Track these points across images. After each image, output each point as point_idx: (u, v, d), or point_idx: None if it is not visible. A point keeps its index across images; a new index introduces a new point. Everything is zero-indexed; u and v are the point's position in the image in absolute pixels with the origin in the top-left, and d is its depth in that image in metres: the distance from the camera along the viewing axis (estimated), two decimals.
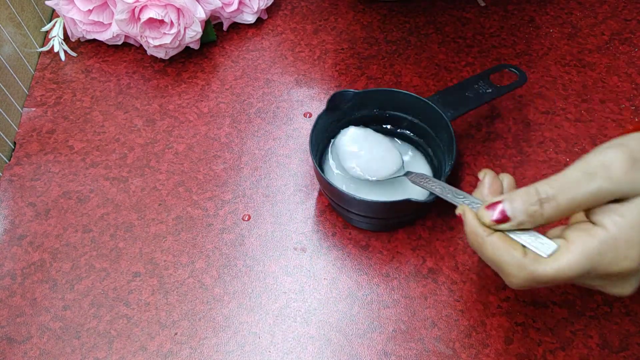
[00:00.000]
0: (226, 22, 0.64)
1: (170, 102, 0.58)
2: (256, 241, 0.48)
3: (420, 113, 0.50)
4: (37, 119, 0.57)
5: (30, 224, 0.49)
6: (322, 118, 0.48)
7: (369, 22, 0.65)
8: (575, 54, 0.61)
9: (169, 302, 0.45)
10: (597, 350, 0.42)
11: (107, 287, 0.46)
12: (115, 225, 0.49)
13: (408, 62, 0.61)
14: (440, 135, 0.48)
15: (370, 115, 0.51)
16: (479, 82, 0.50)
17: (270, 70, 0.61)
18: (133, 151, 0.54)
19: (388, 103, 0.50)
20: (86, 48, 0.63)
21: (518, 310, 0.44)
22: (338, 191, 0.44)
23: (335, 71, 0.60)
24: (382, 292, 0.45)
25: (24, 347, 0.43)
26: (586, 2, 0.67)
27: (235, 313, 0.44)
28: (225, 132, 0.56)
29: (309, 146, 0.46)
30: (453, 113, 0.48)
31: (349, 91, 0.49)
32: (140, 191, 0.51)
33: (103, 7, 0.60)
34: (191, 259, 0.47)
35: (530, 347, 0.42)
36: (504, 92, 0.50)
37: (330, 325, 0.43)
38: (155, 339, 0.43)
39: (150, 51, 0.59)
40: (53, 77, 0.61)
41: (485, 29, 0.64)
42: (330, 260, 0.47)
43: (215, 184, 0.52)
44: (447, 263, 0.46)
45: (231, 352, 0.42)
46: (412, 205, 0.43)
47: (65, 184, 0.52)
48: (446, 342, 0.42)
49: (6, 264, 0.47)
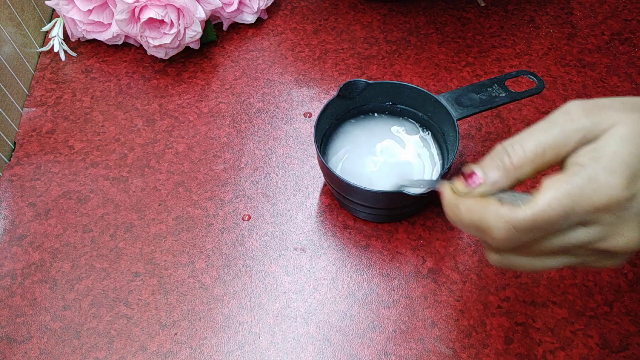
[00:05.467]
0: (226, 22, 0.64)
1: (170, 102, 0.58)
2: (256, 241, 0.48)
3: (429, 109, 0.50)
4: (37, 119, 0.57)
5: (30, 224, 0.49)
6: (332, 104, 0.49)
7: (369, 22, 0.65)
8: (575, 54, 0.61)
9: (169, 302, 0.45)
10: (597, 350, 0.42)
11: (107, 287, 0.46)
12: (115, 225, 0.49)
13: (408, 62, 0.61)
14: (446, 134, 0.49)
15: (379, 107, 0.52)
16: (494, 85, 0.50)
17: (270, 70, 0.61)
18: (133, 151, 0.54)
19: (398, 97, 0.51)
20: (86, 48, 0.63)
21: (518, 310, 0.44)
22: (338, 179, 0.44)
23: (335, 71, 0.60)
24: (382, 292, 0.45)
25: (24, 347, 0.43)
26: (586, 2, 0.67)
27: (235, 313, 0.44)
28: (225, 132, 0.56)
29: (314, 131, 0.47)
30: (461, 113, 0.48)
31: (362, 81, 0.49)
32: (140, 191, 0.51)
33: (103, 7, 0.60)
34: (191, 259, 0.47)
35: (530, 347, 0.42)
36: (518, 98, 0.49)
37: (330, 325, 0.44)
38: (155, 339, 0.43)
39: (150, 51, 0.59)
40: (53, 77, 0.61)
41: (485, 29, 0.64)
42: (330, 260, 0.47)
43: (215, 184, 0.52)
44: (447, 263, 0.46)
45: (231, 352, 0.42)
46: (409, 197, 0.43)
47: (65, 184, 0.52)
48: (446, 342, 0.42)
49: (6, 264, 0.47)
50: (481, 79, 0.59)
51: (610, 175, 0.28)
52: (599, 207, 0.29)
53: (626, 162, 0.28)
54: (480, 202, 0.31)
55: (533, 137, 0.30)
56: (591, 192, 0.28)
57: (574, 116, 0.30)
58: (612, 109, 0.30)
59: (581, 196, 0.29)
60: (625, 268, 0.46)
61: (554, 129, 0.30)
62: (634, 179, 0.28)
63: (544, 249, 0.31)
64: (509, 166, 0.31)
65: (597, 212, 0.29)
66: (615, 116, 0.29)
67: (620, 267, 0.32)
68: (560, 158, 0.30)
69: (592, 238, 0.30)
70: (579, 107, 0.30)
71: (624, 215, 0.29)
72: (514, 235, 0.30)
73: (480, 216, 0.31)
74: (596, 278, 0.45)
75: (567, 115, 0.30)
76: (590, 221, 0.29)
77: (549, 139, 0.30)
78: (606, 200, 0.28)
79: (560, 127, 0.30)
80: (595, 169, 0.29)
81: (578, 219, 0.29)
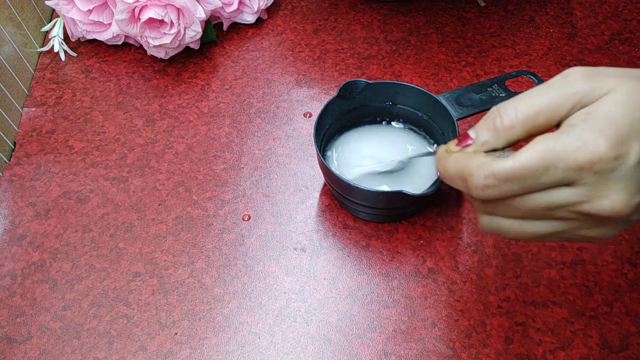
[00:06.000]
0: (226, 22, 0.64)
1: (170, 102, 0.58)
2: (256, 241, 0.48)
3: (429, 110, 0.50)
4: (37, 119, 0.57)
5: (30, 224, 0.49)
6: (332, 104, 0.49)
7: (369, 22, 0.65)
8: (575, 54, 0.61)
9: (169, 302, 0.45)
10: (597, 350, 0.42)
11: (107, 287, 0.46)
12: (115, 225, 0.49)
13: (408, 62, 0.61)
14: (446, 134, 0.49)
15: (379, 107, 0.52)
16: (494, 85, 0.50)
17: (270, 70, 0.61)
18: (133, 151, 0.54)
19: (398, 97, 0.51)
20: (86, 48, 0.63)
21: (518, 310, 0.44)
22: (338, 179, 0.44)
23: (335, 71, 0.60)
24: (382, 292, 0.45)
25: (24, 347, 0.43)
26: (586, 2, 0.67)
27: (235, 313, 0.44)
28: (225, 132, 0.56)
29: (314, 131, 0.47)
30: (461, 113, 0.48)
31: (362, 81, 0.49)
32: (140, 191, 0.51)
33: (103, 7, 0.60)
34: (191, 259, 0.47)
35: (530, 347, 0.42)
36: None
37: (330, 325, 0.43)
38: (155, 339, 0.43)
39: (150, 51, 0.59)
40: (53, 77, 0.61)
41: (485, 29, 0.64)
42: (330, 260, 0.47)
43: (215, 184, 0.52)
44: (447, 263, 0.46)
45: (231, 352, 0.42)
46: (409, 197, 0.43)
47: (65, 184, 0.52)
48: (446, 342, 0.42)
49: (6, 264, 0.47)
50: (481, 79, 0.59)
51: (596, 134, 0.28)
52: (581, 165, 0.28)
53: (616, 124, 0.28)
54: (467, 154, 0.32)
55: (527, 100, 0.30)
56: (575, 148, 0.28)
57: (571, 80, 0.30)
58: (611, 75, 0.30)
59: (564, 152, 0.28)
60: (625, 268, 0.46)
61: (549, 92, 0.30)
62: (622, 141, 0.28)
63: (528, 207, 0.31)
64: (499, 127, 0.31)
65: (580, 170, 0.28)
66: (613, 82, 0.29)
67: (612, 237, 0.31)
68: (554, 121, 0.30)
69: (576, 198, 0.29)
70: (578, 72, 0.30)
71: (609, 177, 0.28)
72: (492, 181, 0.30)
73: (464, 165, 0.31)
74: (596, 278, 0.45)
75: (564, 79, 0.30)
76: (575, 180, 0.29)
77: (543, 101, 0.30)
78: (588, 157, 0.28)
79: (556, 90, 0.30)
80: (583, 128, 0.28)
81: (560, 175, 0.29)
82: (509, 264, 0.46)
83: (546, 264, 0.46)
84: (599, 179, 0.28)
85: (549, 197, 0.30)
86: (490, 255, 0.47)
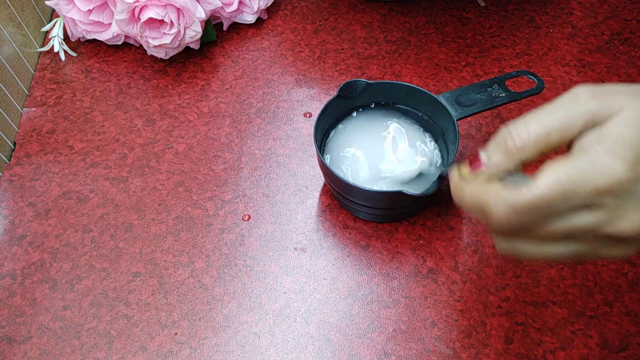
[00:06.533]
0: (226, 22, 0.64)
1: (170, 102, 0.58)
2: (256, 241, 0.48)
3: (429, 109, 0.50)
4: (37, 119, 0.57)
5: (30, 224, 0.49)
6: (332, 104, 0.49)
7: (369, 22, 0.65)
8: (575, 54, 0.61)
9: (169, 302, 0.45)
10: (597, 350, 0.42)
11: (107, 287, 0.46)
12: (115, 225, 0.49)
13: (408, 62, 0.61)
14: (446, 134, 0.49)
15: (380, 107, 0.52)
16: (494, 85, 0.50)
17: (270, 70, 0.61)
18: (133, 151, 0.54)
19: (398, 96, 0.51)
20: (86, 48, 0.63)
21: (518, 310, 0.44)
22: (338, 179, 0.44)
23: (335, 71, 0.60)
24: (382, 292, 0.45)
25: (24, 347, 0.43)
26: (586, 2, 0.67)
27: (235, 313, 0.44)
28: (225, 132, 0.56)
29: (314, 131, 0.47)
30: (461, 113, 0.48)
31: (362, 81, 0.49)
32: (140, 191, 0.51)
33: (103, 7, 0.60)
34: (191, 259, 0.47)
35: (530, 347, 0.42)
36: (518, 98, 0.49)
37: (330, 325, 0.44)
38: (155, 339, 0.43)
39: (150, 51, 0.59)
40: (53, 77, 0.61)
41: (485, 29, 0.64)
42: (330, 260, 0.47)
43: (215, 184, 0.52)
44: (447, 263, 0.46)
45: (231, 352, 0.42)
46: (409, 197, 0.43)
47: (65, 184, 0.52)
48: (446, 342, 0.42)
49: (6, 264, 0.47)
50: (481, 79, 0.59)
51: (612, 157, 0.28)
52: (601, 190, 0.28)
53: (630, 145, 0.28)
54: (483, 184, 0.31)
55: (538, 119, 0.30)
56: (593, 174, 0.28)
57: (580, 99, 0.30)
58: (620, 93, 0.29)
59: (582, 179, 0.28)
60: (625, 268, 0.46)
61: (559, 111, 0.30)
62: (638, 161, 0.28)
63: (549, 233, 0.30)
64: (511, 147, 0.31)
65: (600, 194, 0.28)
66: (623, 100, 0.29)
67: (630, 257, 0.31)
68: (565, 141, 0.30)
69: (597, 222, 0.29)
70: (587, 91, 0.30)
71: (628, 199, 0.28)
72: (513, 216, 0.30)
73: (481, 197, 0.31)
74: (596, 278, 0.45)
75: (574, 98, 0.30)
76: (594, 204, 0.29)
77: (554, 121, 0.30)
78: (609, 182, 0.28)
79: (566, 109, 0.30)
80: (598, 151, 0.28)
81: (581, 201, 0.29)
82: (509, 264, 0.46)
83: (546, 264, 0.46)
84: (618, 201, 0.29)
85: (569, 222, 0.30)
86: (490, 255, 0.47)
